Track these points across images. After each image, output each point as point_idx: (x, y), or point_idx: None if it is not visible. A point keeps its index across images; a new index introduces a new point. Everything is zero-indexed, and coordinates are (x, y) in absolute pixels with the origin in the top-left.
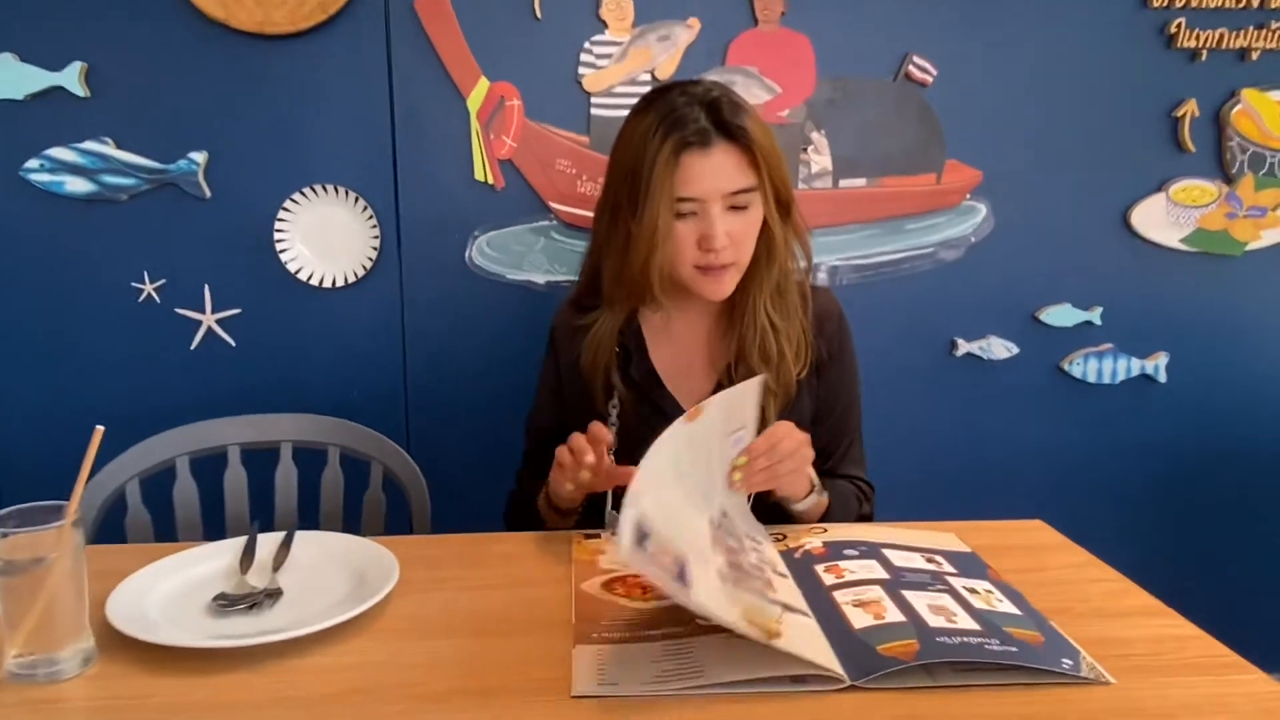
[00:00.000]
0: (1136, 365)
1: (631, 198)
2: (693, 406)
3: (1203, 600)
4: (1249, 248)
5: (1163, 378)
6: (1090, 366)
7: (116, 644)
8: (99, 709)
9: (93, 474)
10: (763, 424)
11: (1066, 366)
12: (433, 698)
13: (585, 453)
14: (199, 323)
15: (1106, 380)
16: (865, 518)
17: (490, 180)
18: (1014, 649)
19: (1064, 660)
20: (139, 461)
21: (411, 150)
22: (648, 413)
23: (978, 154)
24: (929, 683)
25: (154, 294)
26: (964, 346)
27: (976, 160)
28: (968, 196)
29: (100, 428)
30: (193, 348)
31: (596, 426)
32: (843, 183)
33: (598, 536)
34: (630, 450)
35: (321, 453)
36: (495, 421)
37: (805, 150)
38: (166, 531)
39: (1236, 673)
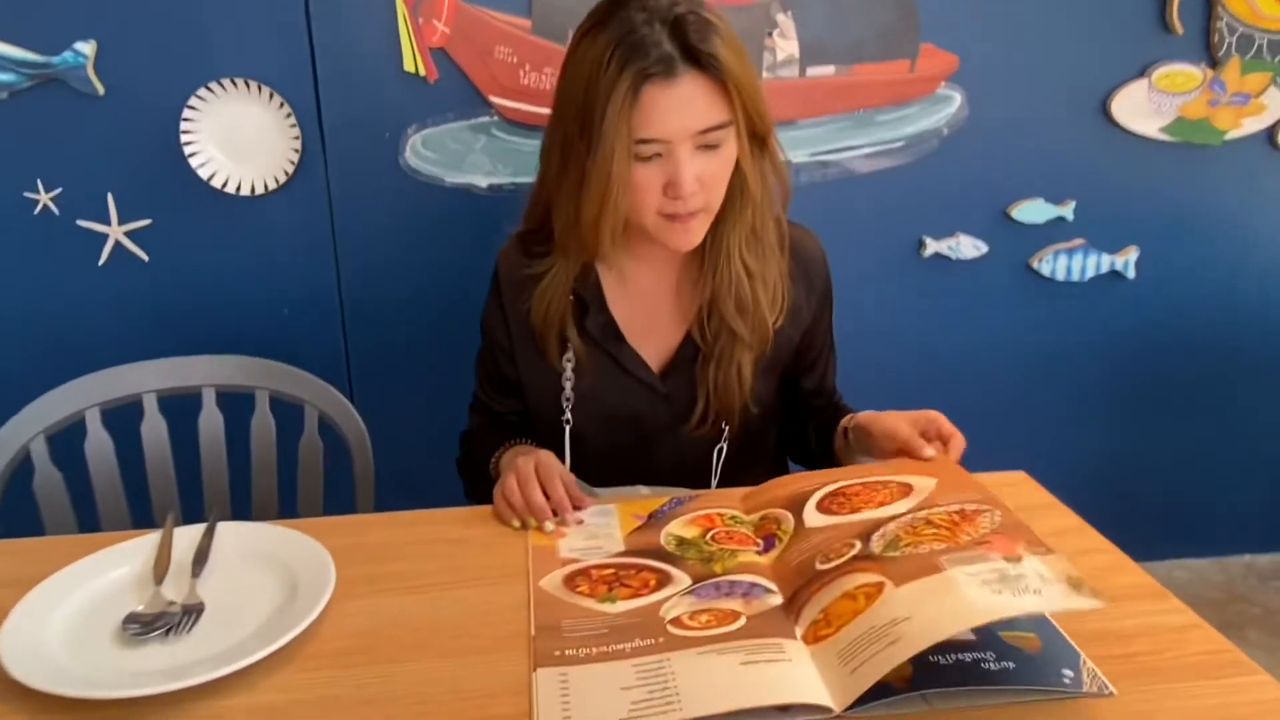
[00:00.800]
0: (1106, 261)
1: (585, 135)
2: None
3: (1161, 484)
4: (1228, 137)
5: (1131, 274)
6: (1060, 264)
7: (15, 691)
8: None
9: None
10: (739, 376)
11: (1035, 265)
12: None
13: (544, 516)
14: (105, 236)
15: (1075, 278)
16: None
17: (421, 71)
18: (1011, 665)
19: (1064, 672)
20: (44, 416)
21: (330, 38)
22: (606, 367)
23: (954, 36)
24: (923, 707)
25: (51, 204)
26: (932, 246)
27: (953, 43)
28: (942, 84)
29: None
30: (101, 263)
31: (547, 468)
32: (810, 71)
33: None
34: (586, 408)
35: (250, 396)
36: (439, 337)
37: (770, 35)
38: (82, 491)
39: (1240, 674)
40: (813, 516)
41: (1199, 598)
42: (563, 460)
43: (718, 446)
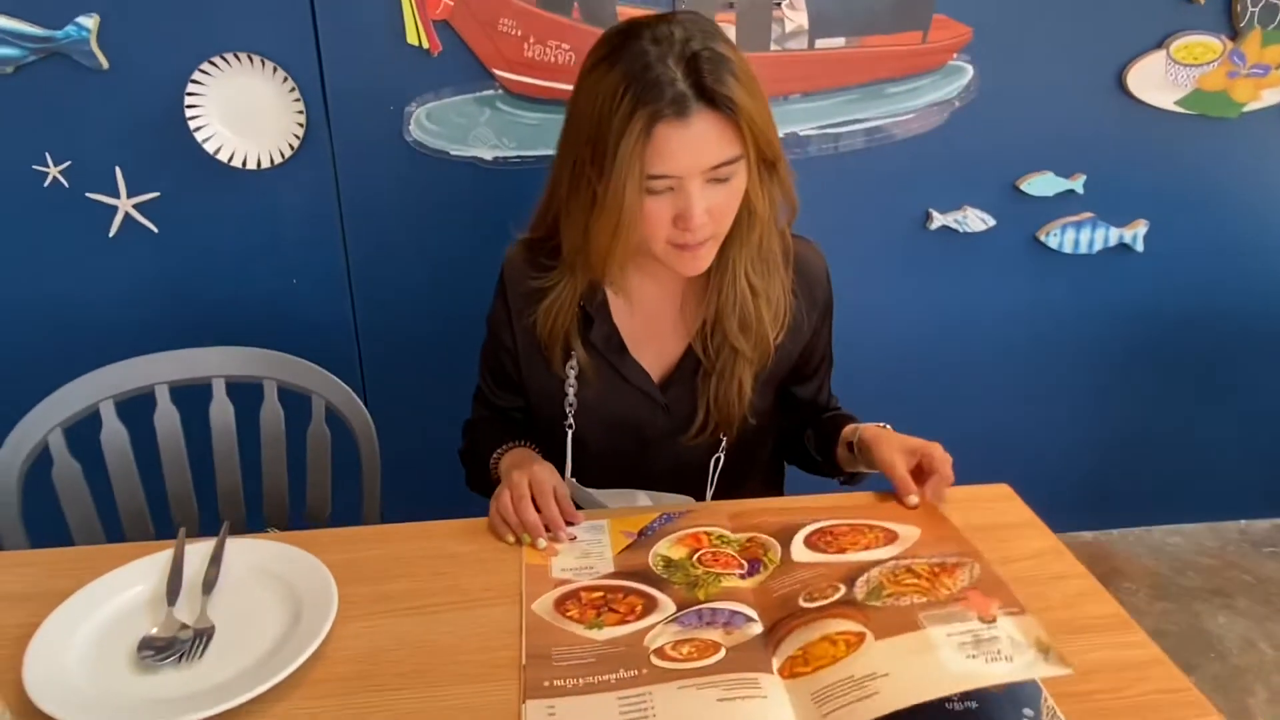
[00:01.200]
0: (1115, 235)
1: (596, 163)
2: None
3: (1161, 452)
4: (1246, 109)
5: (1140, 247)
6: (1068, 237)
7: (38, 714)
8: None
9: (9, 425)
10: (739, 389)
11: (1043, 237)
12: None
13: (537, 533)
14: (114, 208)
15: (1083, 251)
16: None
17: (425, 44)
18: (974, 705)
19: (1025, 712)
20: (60, 409)
21: (333, 11)
22: (609, 376)
23: (969, 7)
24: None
25: (60, 177)
26: (939, 219)
27: (966, 14)
28: (955, 56)
29: None
30: (111, 235)
31: (540, 484)
32: (819, 43)
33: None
34: (588, 414)
35: (259, 386)
36: (446, 307)
37: (779, 6)
38: (99, 480)
39: (1193, 715)
40: (800, 551)
41: (1192, 564)
42: (564, 462)
43: (715, 456)
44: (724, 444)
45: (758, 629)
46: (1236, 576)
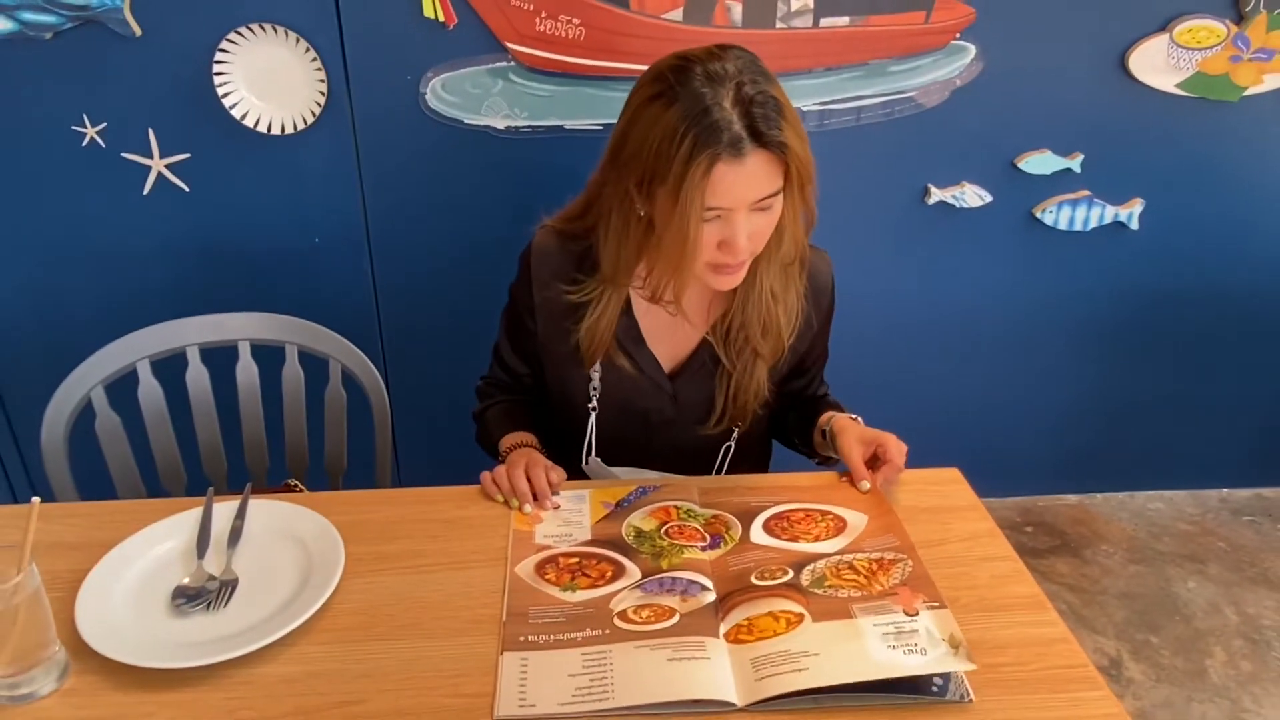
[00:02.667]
0: (1110, 213)
1: (649, 192)
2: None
3: (1148, 422)
4: (1247, 93)
5: (1135, 225)
6: (1063, 214)
7: (88, 651)
8: None
9: (56, 382)
10: (756, 387)
11: (1039, 214)
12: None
13: (525, 499)
14: (148, 168)
15: (1078, 228)
16: None
17: (440, 17)
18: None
19: (935, 680)
20: (101, 368)
21: None
22: (623, 365)
23: None
24: (810, 706)
25: (97, 138)
26: (937, 194)
27: None
28: (957, 36)
29: (36, 499)
30: (145, 193)
31: (535, 462)
32: (824, 21)
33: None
34: (606, 405)
35: (281, 350)
36: (460, 267)
37: None
38: (137, 431)
39: (1087, 689)
40: (758, 534)
41: (1169, 529)
42: (584, 441)
43: (726, 445)
44: (736, 434)
45: (711, 598)
46: (1211, 543)
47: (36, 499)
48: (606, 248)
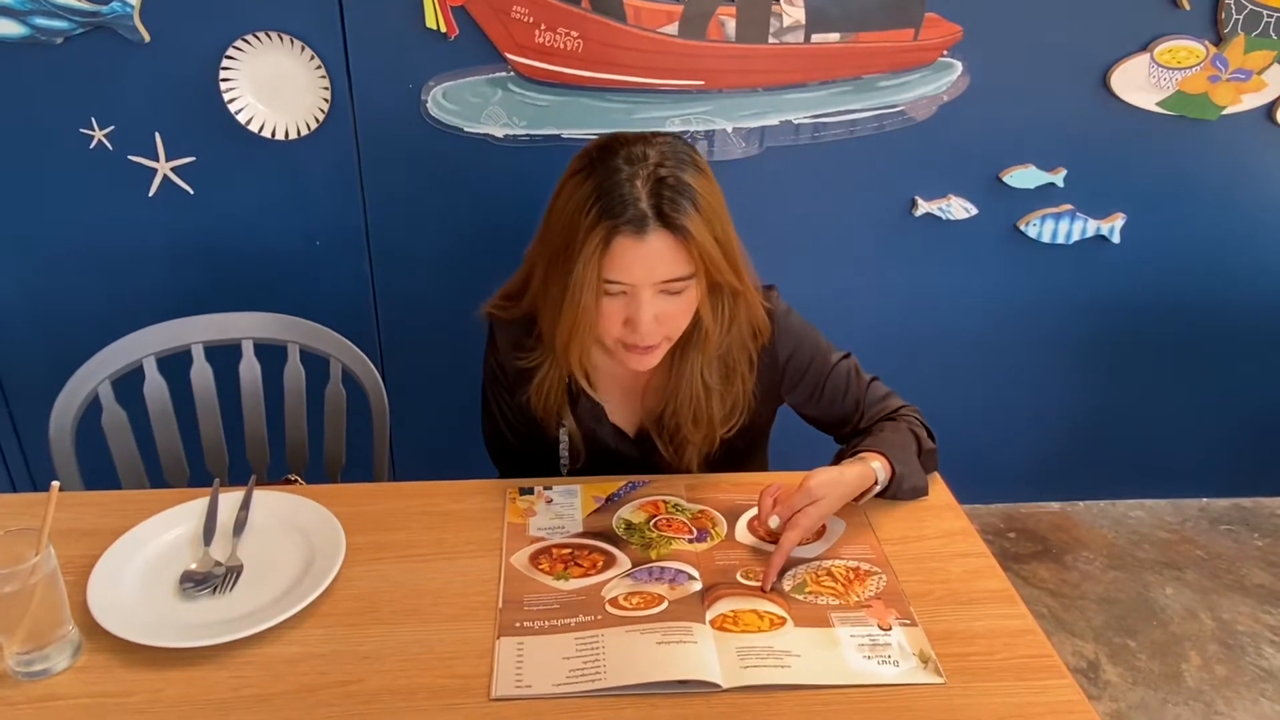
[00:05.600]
0: (1092, 227)
1: (564, 264)
2: None
3: (1129, 432)
4: (1226, 112)
5: (1117, 239)
6: (1046, 227)
7: (100, 631)
8: (88, 708)
9: (61, 378)
10: (688, 460)
11: (1023, 227)
12: (366, 698)
13: None
14: (154, 171)
15: (1061, 240)
16: (932, 436)
17: (442, 28)
18: None
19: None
20: (109, 364)
21: None
22: (594, 440)
23: (959, 7)
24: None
25: (105, 140)
26: (923, 206)
27: (957, 14)
28: (945, 54)
29: (56, 484)
30: (151, 194)
31: None
32: (815, 38)
33: (531, 492)
34: (577, 457)
35: (283, 348)
36: (458, 269)
37: (778, 1)
38: (142, 426)
39: (1049, 678)
40: (742, 533)
41: (1149, 537)
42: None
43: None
44: (705, 458)
45: (697, 586)
46: (1190, 551)
47: (56, 484)
48: (544, 320)
